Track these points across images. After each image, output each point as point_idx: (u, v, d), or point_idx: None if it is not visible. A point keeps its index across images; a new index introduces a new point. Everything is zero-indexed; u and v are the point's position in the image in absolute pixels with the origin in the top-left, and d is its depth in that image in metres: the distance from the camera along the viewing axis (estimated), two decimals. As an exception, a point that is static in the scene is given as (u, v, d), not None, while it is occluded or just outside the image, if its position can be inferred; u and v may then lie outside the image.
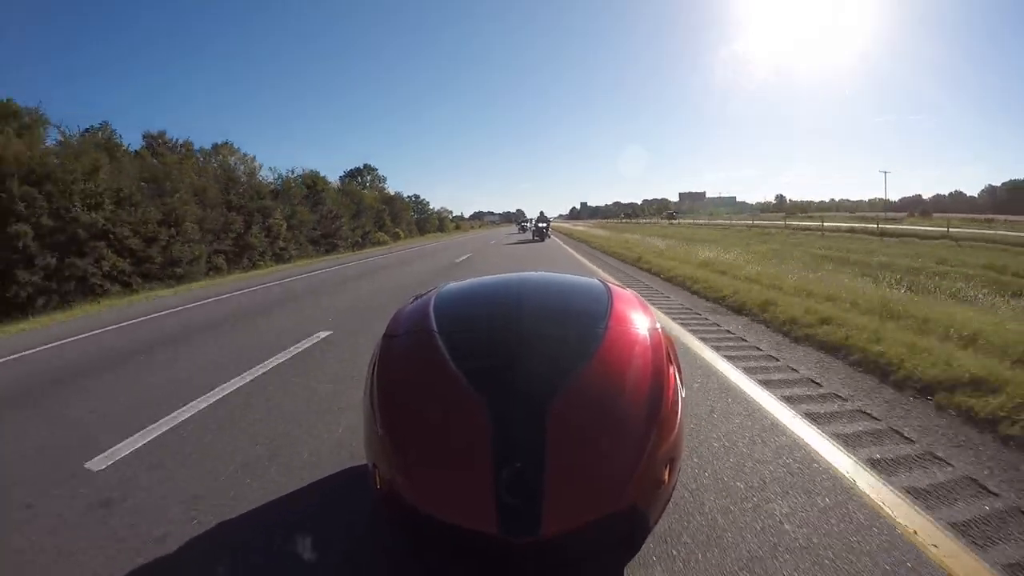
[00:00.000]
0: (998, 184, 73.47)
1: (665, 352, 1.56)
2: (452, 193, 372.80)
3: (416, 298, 1.97)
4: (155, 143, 25.50)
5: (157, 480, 2.32)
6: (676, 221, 57.68)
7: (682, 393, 1.59)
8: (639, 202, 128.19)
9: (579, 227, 39.01)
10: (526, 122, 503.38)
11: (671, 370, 1.53)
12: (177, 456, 2.56)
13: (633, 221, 74.44)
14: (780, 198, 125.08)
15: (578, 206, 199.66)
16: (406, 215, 50.49)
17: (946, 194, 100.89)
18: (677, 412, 1.46)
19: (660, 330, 1.65)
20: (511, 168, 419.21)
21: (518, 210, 33.93)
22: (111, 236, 14.32)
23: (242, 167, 27.86)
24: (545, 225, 27.34)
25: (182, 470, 2.41)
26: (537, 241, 23.87)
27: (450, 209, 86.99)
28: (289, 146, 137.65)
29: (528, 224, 34.14)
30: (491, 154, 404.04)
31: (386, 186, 52.49)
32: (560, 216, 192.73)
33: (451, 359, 1.45)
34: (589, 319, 1.61)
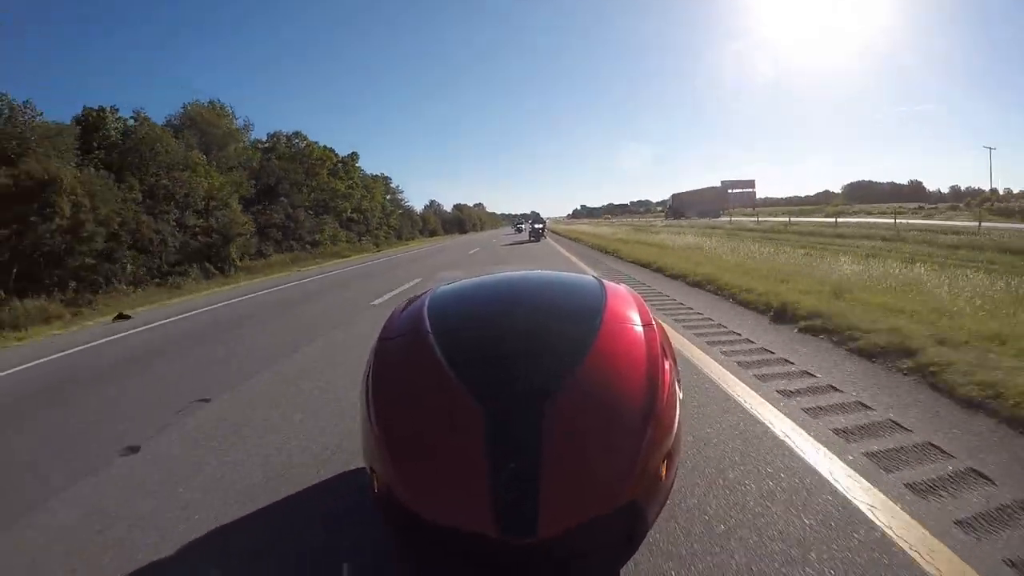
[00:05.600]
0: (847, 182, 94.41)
1: (660, 347, 1.57)
2: (476, 195, 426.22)
3: (411, 300, 2.00)
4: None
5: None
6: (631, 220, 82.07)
7: (679, 391, 1.59)
8: (627, 203, 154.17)
9: (561, 227, 53.56)
10: (536, 136, 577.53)
11: (667, 365, 1.53)
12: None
13: (611, 219, 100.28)
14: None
15: (579, 207, 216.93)
16: (492, 219, 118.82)
17: (814, 192, 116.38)
18: (674, 407, 1.47)
19: (655, 325, 1.67)
20: (525, 174, 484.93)
21: (533, 212, 51.39)
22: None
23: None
24: (542, 227, 27.86)
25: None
26: (532, 241, 23.72)
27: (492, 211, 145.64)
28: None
29: (524, 225, 34.60)
30: (505, 164, 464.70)
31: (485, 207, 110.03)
32: (567, 216, 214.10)
33: (446, 362, 1.47)
34: (584, 316, 1.63)
